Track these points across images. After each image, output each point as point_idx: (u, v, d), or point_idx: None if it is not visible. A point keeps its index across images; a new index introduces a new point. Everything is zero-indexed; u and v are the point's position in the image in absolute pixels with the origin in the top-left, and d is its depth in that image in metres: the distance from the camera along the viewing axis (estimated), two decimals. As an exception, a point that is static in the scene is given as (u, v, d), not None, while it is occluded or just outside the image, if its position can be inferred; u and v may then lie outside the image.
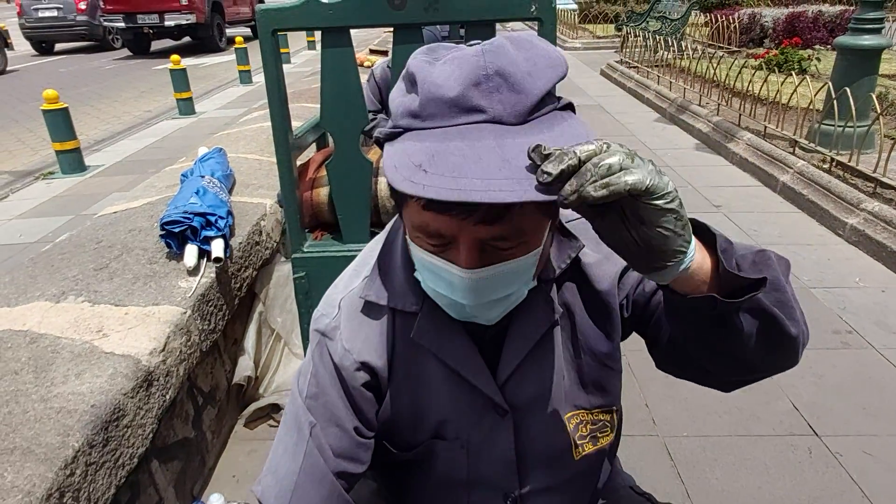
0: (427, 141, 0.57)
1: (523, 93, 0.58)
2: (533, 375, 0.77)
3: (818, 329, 2.49)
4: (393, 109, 0.64)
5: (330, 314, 0.78)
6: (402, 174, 0.55)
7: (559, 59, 0.62)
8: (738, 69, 5.06)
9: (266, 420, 2.06)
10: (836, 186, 3.54)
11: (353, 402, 0.76)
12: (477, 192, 0.51)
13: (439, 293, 0.68)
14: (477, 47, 0.60)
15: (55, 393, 1.28)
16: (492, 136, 0.56)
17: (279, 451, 0.78)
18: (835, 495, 1.71)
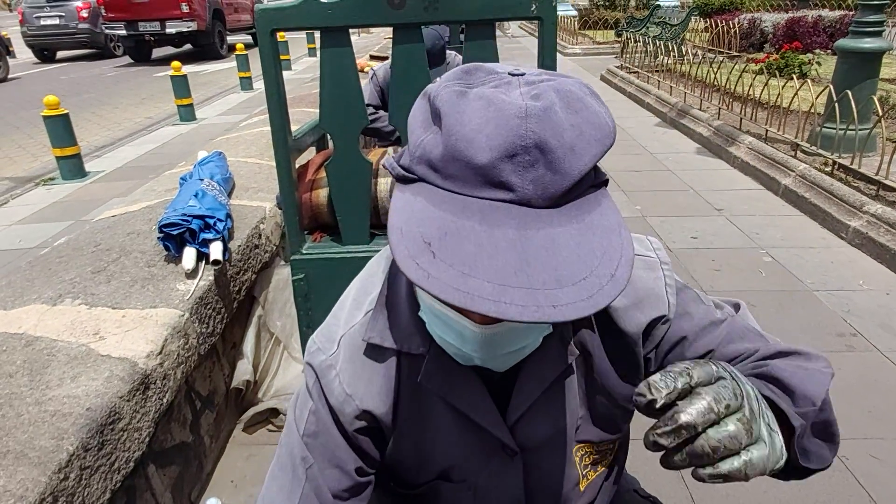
0: (441, 209, 0.50)
1: (560, 173, 0.50)
2: (544, 417, 0.72)
3: (822, 332, 2.47)
4: (410, 137, 0.56)
5: (327, 350, 0.71)
6: (407, 248, 0.49)
7: (609, 129, 0.53)
8: (738, 73, 5.06)
9: (265, 425, 2.04)
10: (838, 189, 3.52)
11: (355, 444, 0.72)
12: (485, 302, 0.45)
13: (447, 341, 0.62)
14: (519, 98, 0.51)
15: (50, 396, 1.27)
16: (514, 224, 0.49)
17: (273, 489, 0.73)
18: (841, 500, 1.68)
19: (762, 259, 3.16)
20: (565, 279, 0.47)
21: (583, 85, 0.55)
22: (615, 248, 0.50)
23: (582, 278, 0.47)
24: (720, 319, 0.73)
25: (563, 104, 0.51)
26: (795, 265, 3.07)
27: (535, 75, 0.55)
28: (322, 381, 0.70)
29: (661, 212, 3.85)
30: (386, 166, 0.59)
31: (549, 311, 0.45)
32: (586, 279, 0.47)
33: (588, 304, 0.46)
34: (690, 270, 3.03)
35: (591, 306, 0.46)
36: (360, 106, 1.52)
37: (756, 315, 2.66)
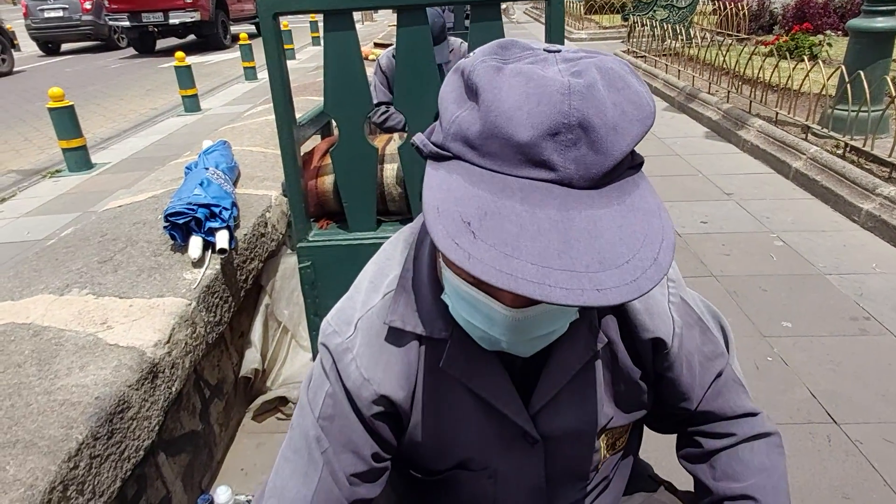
0: (480, 188, 0.49)
1: (602, 153, 0.48)
2: (569, 406, 0.71)
3: (835, 316, 2.44)
4: (443, 114, 0.54)
5: (343, 333, 0.69)
6: (445, 228, 0.47)
7: (650, 108, 0.51)
8: (747, 56, 4.98)
9: (274, 413, 2.04)
10: (850, 172, 3.47)
11: (370, 428, 0.71)
12: (529, 284, 0.43)
13: (473, 325, 0.60)
14: (562, 74, 0.49)
15: (59, 385, 1.26)
16: (556, 205, 0.47)
17: (286, 472, 0.71)
18: (856, 483, 1.66)
19: (773, 243, 3.12)
20: (609, 262, 0.45)
21: (623, 63, 0.53)
22: (656, 231, 0.49)
23: (625, 261, 0.46)
24: (717, 375, 0.77)
25: (605, 82, 0.49)
26: (807, 249, 3.03)
27: (571, 52, 0.53)
28: (339, 364, 0.69)
29: (670, 197, 3.81)
30: (417, 143, 0.56)
31: (593, 294, 0.43)
32: (629, 262, 0.46)
33: (632, 287, 0.45)
34: (700, 255, 3.00)
35: (636, 290, 0.45)
36: (365, 91, 1.50)
37: (767, 300, 2.63)
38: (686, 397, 0.76)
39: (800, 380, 2.08)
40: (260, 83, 8.57)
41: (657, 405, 0.79)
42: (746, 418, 0.78)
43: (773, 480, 0.75)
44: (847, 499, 1.62)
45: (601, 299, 0.43)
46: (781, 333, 2.35)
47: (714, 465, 0.79)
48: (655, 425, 0.86)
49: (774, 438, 0.78)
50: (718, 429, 0.79)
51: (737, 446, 0.78)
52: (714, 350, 0.77)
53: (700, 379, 0.76)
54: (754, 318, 2.45)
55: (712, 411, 0.78)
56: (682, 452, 0.85)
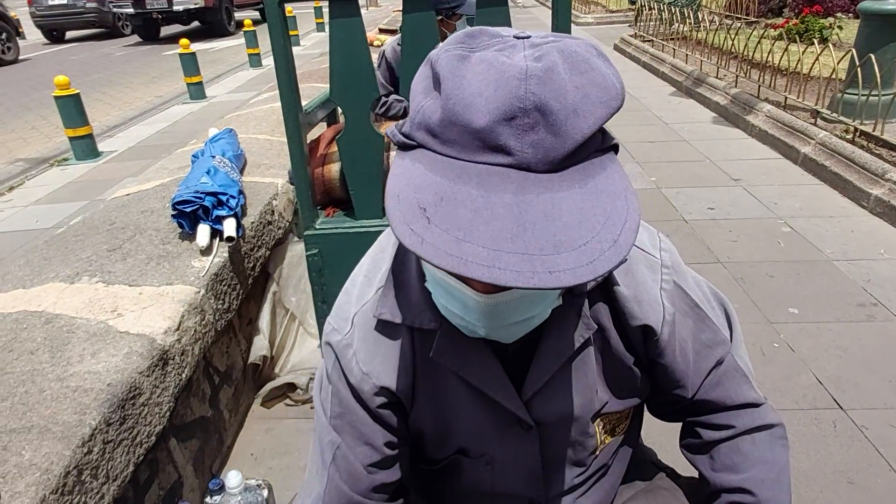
0: (439, 174, 0.49)
1: (561, 136, 0.48)
2: (562, 392, 0.72)
3: (842, 302, 2.44)
4: (411, 104, 0.55)
5: (342, 329, 0.71)
6: (402, 214, 0.48)
7: (615, 91, 0.51)
8: (756, 40, 4.92)
9: (282, 399, 2.06)
10: (859, 157, 3.44)
11: (379, 419, 0.73)
12: (478, 267, 0.44)
13: (451, 311, 0.62)
14: (522, 60, 0.49)
15: (71, 372, 1.28)
16: (512, 189, 0.47)
17: (312, 472, 0.77)
18: (861, 469, 1.67)
19: (780, 229, 3.11)
20: (564, 245, 0.45)
21: (590, 46, 0.52)
22: (619, 212, 0.48)
23: (583, 244, 0.46)
24: (716, 363, 0.76)
25: (566, 65, 0.49)
26: (815, 235, 3.02)
27: (540, 37, 0.52)
28: (341, 361, 0.71)
29: (677, 183, 3.79)
30: (388, 134, 0.57)
31: (545, 277, 0.43)
32: (587, 244, 0.46)
33: (588, 269, 0.45)
34: (707, 242, 3.00)
35: (591, 272, 0.45)
36: (371, 78, 1.50)
37: (774, 286, 2.62)
38: (680, 384, 0.76)
39: (806, 366, 2.08)
40: (265, 70, 8.54)
41: (654, 392, 0.80)
42: (748, 409, 0.78)
43: (773, 473, 0.75)
44: (852, 484, 1.63)
45: (553, 281, 0.43)
46: (788, 319, 2.35)
47: (714, 457, 0.79)
48: (657, 412, 0.87)
49: (777, 430, 0.78)
50: (718, 420, 0.79)
51: (737, 438, 0.78)
52: (713, 338, 0.76)
53: (695, 366, 0.76)
54: (761, 305, 2.45)
55: (711, 400, 0.78)
56: (684, 443, 0.85)
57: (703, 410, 0.80)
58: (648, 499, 0.87)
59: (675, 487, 0.89)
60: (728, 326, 0.79)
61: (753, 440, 0.77)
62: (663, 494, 0.88)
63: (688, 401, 0.78)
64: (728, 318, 0.80)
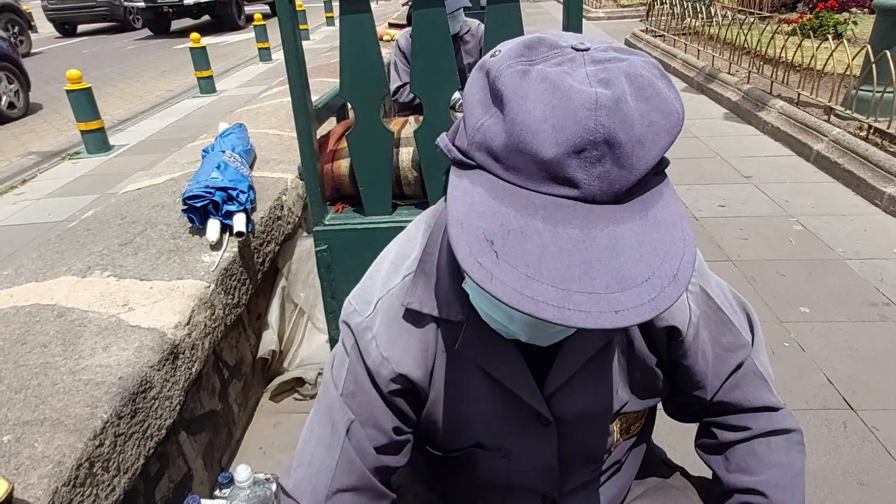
0: (504, 203, 0.48)
1: (627, 168, 0.47)
2: (583, 390, 0.72)
3: (854, 301, 2.42)
4: (468, 117, 0.52)
5: (363, 311, 0.71)
6: (469, 245, 0.46)
7: (678, 117, 0.50)
8: (769, 35, 4.87)
9: (291, 393, 2.07)
10: (873, 154, 3.40)
11: (392, 404, 0.73)
12: (549, 308, 0.43)
13: (494, 319, 0.61)
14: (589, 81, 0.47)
15: (83, 365, 1.30)
16: (578, 223, 0.47)
17: (311, 443, 0.75)
18: (871, 470, 1.66)
19: (792, 227, 3.08)
20: (628, 281, 0.45)
21: (653, 66, 0.51)
22: (677, 245, 0.48)
23: (644, 279, 0.46)
24: (737, 366, 0.76)
25: (633, 91, 0.48)
26: (827, 233, 2.99)
27: (600, 51, 0.51)
28: (359, 342, 0.71)
29: (688, 180, 3.76)
30: (441, 147, 0.55)
31: (611, 317, 0.44)
32: (648, 280, 0.46)
33: (649, 307, 0.45)
34: (717, 239, 2.98)
35: (653, 310, 0.45)
36: (380, 73, 1.50)
37: (785, 285, 2.60)
38: (700, 386, 0.76)
39: (816, 365, 2.07)
40: (275, 64, 8.56)
41: (672, 393, 0.80)
42: (765, 412, 0.78)
43: (788, 478, 0.75)
44: (862, 485, 1.62)
45: (618, 321, 0.44)
46: (799, 319, 2.33)
47: (728, 458, 0.79)
48: (673, 413, 0.86)
49: (794, 436, 0.78)
50: (734, 421, 0.79)
51: (753, 440, 0.78)
52: (734, 342, 0.76)
53: (715, 369, 0.76)
54: (771, 303, 2.43)
55: (729, 402, 0.78)
56: (699, 443, 0.85)
57: (721, 412, 0.80)
58: (659, 496, 0.87)
59: (686, 486, 0.89)
60: (750, 330, 0.79)
61: (769, 443, 0.77)
62: (674, 492, 0.88)
63: (706, 402, 0.78)
64: (750, 322, 0.80)
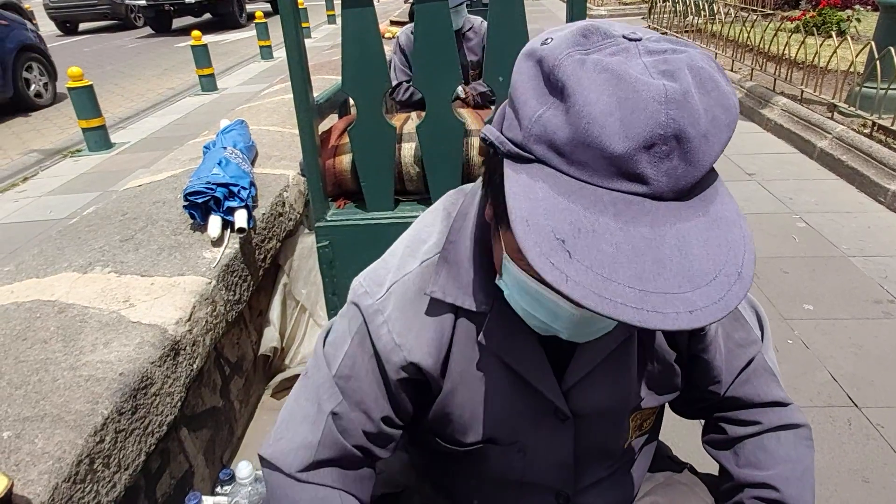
0: (571, 200, 0.46)
1: (693, 164, 0.46)
2: (602, 385, 0.71)
3: (858, 299, 2.40)
4: (521, 107, 0.50)
5: (374, 294, 0.69)
6: (538, 245, 0.45)
7: (736, 110, 0.49)
8: (772, 32, 4.85)
9: (293, 391, 2.07)
10: (877, 151, 3.39)
11: (391, 392, 0.71)
12: (629, 309, 0.43)
13: (534, 316, 0.59)
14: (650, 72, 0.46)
15: (84, 361, 1.29)
16: (648, 221, 0.45)
17: (297, 418, 0.73)
18: (876, 467, 1.65)
19: (795, 224, 3.07)
20: (697, 280, 0.45)
21: (710, 59, 0.50)
22: (738, 242, 0.48)
23: (712, 278, 0.45)
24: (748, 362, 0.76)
25: (696, 84, 0.46)
26: (830, 230, 2.97)
27: (653, 41, 0.50)
28: (369, 325, 0.69)
29: (690, 177, 3.75)
30: (492, 139, 0.52)
31: (686, 317, 0.43)
32: (716, 279, 0.45)
33: (720, 306, 0.44)
34: (720, 237, 2.96)
35: (723, 309, 0.44)
36: (382, 69, 1.49)
37: (789, 282, 2.58)
38: (717, 381, 0.77)
39: (821, 363, 2.06)
40: (276, 62, 8.55)
41: (687, 388, 0.79)
42: (775, 407, 0.78)
43: (798, 472, 0.75)
44: (867, 482, 1.61)
45: (694, 321, 0.43)
46: (803, 316, 2.32)
47: (738, 453, 0.79)
48: (682, 410, 0.86)
49: (803, 431, 0.78)
50: (744, 416, 0.79)
51: (762, 435, 0.78)
52: (746, 337, 0.76)
53: (728, 364, 0.76)
54: (775, 301, 2.42)
55: (740, 398, 0.78)
56: (707, 438, 0.85)
57: (730, 407, 0.80)
58: (668, 492, 0.87)
59: (694, 482, 0.89)
60: (759, 327, 0.79)
61: (779, 438, 0.77)
62: (682, 488, 0.88)
63: (718, 398, 0.78)
64: (759, 318, 0.80)
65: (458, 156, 1.56)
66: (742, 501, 0.77)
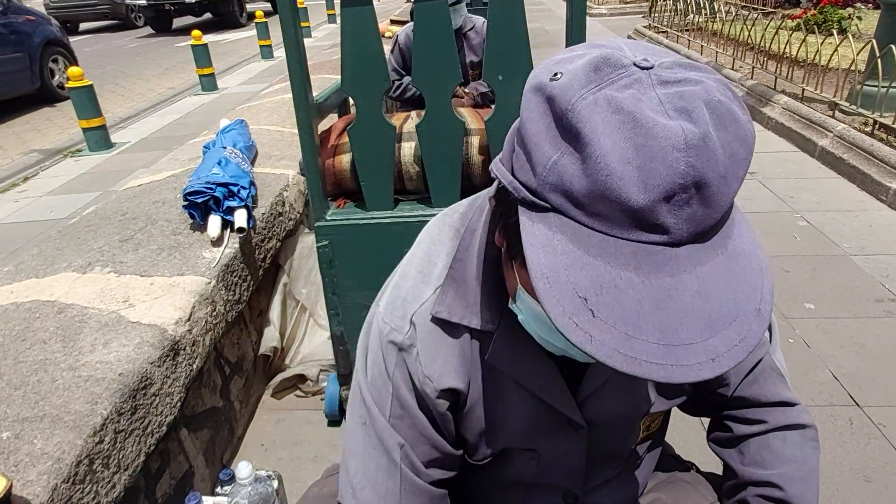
0: (592, 254, 0.45)
1: (713, 207, 0.45)
2: (615, 394, 0.72)
3: (860, 298, 2.40)
4: (534, 151, 0.48)
5: (401, 329, 0.69)
6: (562, 304, 0.44)
7: (753, 141, 0.47)
8: (773, 30, 4.84)
9: (293, 390, 2.06)
10: (879, 150, 3.38)
11: (439, 421, 0.72)
12: (653, 367, 0.42)
13: (549, 342, 0.60)
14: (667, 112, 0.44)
15: (83, 362, 1.29)
16: (668, 270, 0.45)
17: (371, 468, 0.72)
18: (878, 467, 1.64)
19: (797, 223, 3.06)
20: (718, 325, 0.44)
21: (726, 89, 0.48)
22: (756, 275, 0.47)
23: (733, 319, 0.45)
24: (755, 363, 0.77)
25: (714, 121, 0.45)
26: (832, 229, 2.97)
27: (666, 68, 0.47)
28: (408, 361, 0.69)
29: (691, 176, 3.74)
30: (504, 182, 0.51)
31: (709, 366, 0.43)
32: (737, 319, 0.45)
33: (741, 349, 0.44)
34: (721, 235, 2.96)
35: (744, 350, 0.44)
36: (382, 67, 1.48)
37: (790, 281, 2.58)
38: (725, 383, 0.77)
39: (822, 362, 2.05)
40: (276, 62, 8.54)
41: (695, 391, 0.79)
42: (781, 407, 0.78)
43: (803, 472, 0.75)
44: (868, 482, 1.60)
45: (717, 369, 0.43)
46: (804, 315, 2.31)
47: (743, 451, 0.79)
48: (689, 408, 0.86)
49: (809, 432, 0.78)
50: (750, 415, 0.79)
51: (768, 434, 0.77)
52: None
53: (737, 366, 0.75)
54: (776, 300, 2.41)
55: (746, 397, 0.78)
56: (713, 436, 0.85)
57: (737, 406, 0.80)
58: (671, 489, 0.87)
59: (697, 480, 0.89)
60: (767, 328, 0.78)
61: (784, 438, 0.77)
62: (684, 486, 0.88)
63: (726, 398, 0.79)
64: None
65: (457, 155, 1.56)
66: (745, 499, 0.77)
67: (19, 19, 6.51)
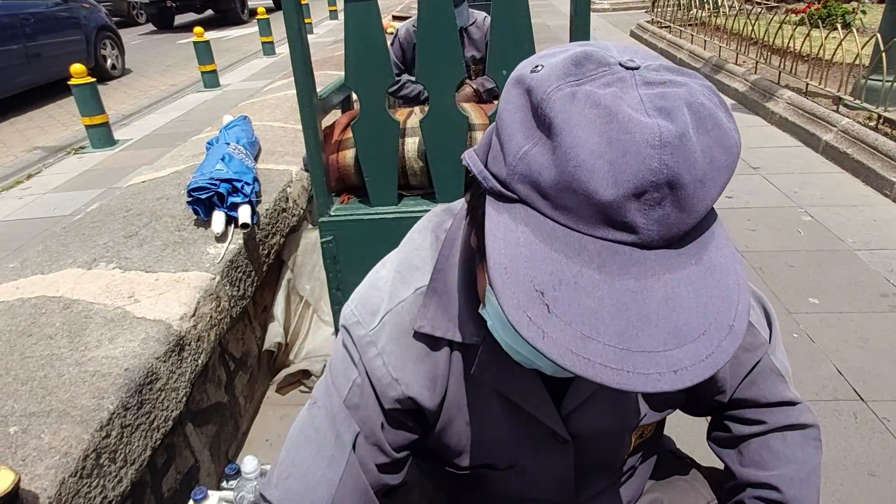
0: (553, 247, 0.43)
1: (687, 211, 0.43)
2: (601, 407, 0.70)
3: (864, 293, 2.39)
4: (506, 141, 0.47)
5: (366, 323, 0.66)
6: (515, 296, 0.42)
7: (737, 150, 0.45)
8: (777, 25, 4.82)
9: (297, 386, 2.07)
10: (883, 144, 3.37)
11: (396, 422, 0.69)
12: (606, 370, 0.40)
13: (515, 350, 0.57)
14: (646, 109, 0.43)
15: (89, 357, 1.29)
16: (634, 272, 0.43)
17: (307, 452, 0.67)
18: (882, 461, 1.64)
19: (801, 218, 3.05)
20: (685, 336, 0.42)
21: (711, 93, 0.46)
22: (732, 292, 0.45)
23: (701, 333, 0.42)
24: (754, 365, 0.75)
25: (695, 123, 0.43)
26: (836, 224, 2.96)
27: (652, 70, 0.46)
28: (364, 357, 0.66)
29: (694, 171, 3.73)
30: (474, 171, 0.49)
31: (669, 378, 0.40)
32: (705, 333, 0.42)
33: (707, 364, 0.42)
34: (726, 231, 2.95)
35: (711, 367, 0.42)
36: (386, 63, 1.48)
37: (794, 276, 2.57)
38: (721, 391, 0.76)
39: (826, 357, 2.05)
40: (278, 58, 8.54)
41: (690, 398, 0.79)
42: (782, 407, 0.76)
43: (803, 473, 0.74)
44: (873, 476, 1.60)
45: (677, 382, 0.41)
46: (808, 310, 2.31)
47: (742, 452, 0.78)
48: (687, 410, 0.85)
49: (811, 431, 0.76)
50: (750, 415, 0.78)
51: (768, 434, 0.76)
52: (752, 341, 0.74)
53: (733, 370, 0.75)
54: (780, 295, 2.41)
55: (745, 399, 0.77)
56: (712, 436, 0.84)
57: (736, 407, 0.79)
58: (668, 489, 0.86)
59: (696, 478, 0.88)
60: (767, 326, 0.76)
61: (785, 438, 0.76)
62: (682, 485, 0.87)
63: (722, 403, 0.78)
64: (768, 317, 0.77)
65: (461, 150, 1.55)
66: (743, 501, 0.76)
67: (78, 6, 7.42)
